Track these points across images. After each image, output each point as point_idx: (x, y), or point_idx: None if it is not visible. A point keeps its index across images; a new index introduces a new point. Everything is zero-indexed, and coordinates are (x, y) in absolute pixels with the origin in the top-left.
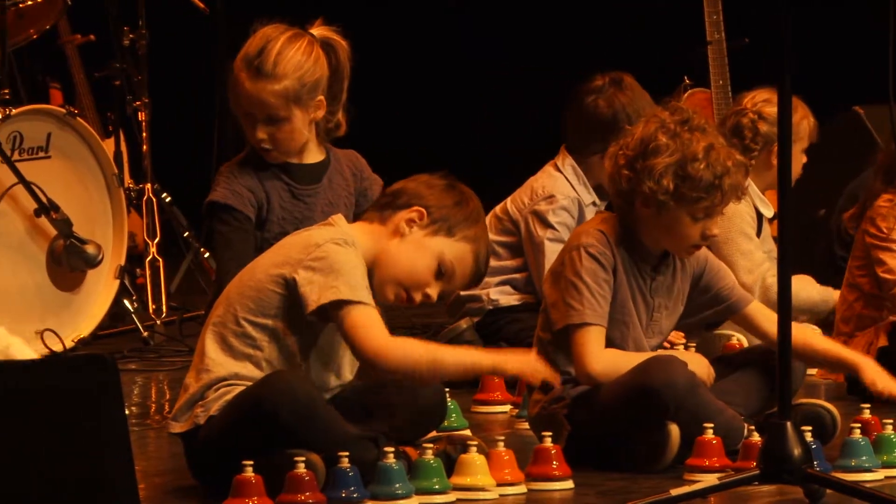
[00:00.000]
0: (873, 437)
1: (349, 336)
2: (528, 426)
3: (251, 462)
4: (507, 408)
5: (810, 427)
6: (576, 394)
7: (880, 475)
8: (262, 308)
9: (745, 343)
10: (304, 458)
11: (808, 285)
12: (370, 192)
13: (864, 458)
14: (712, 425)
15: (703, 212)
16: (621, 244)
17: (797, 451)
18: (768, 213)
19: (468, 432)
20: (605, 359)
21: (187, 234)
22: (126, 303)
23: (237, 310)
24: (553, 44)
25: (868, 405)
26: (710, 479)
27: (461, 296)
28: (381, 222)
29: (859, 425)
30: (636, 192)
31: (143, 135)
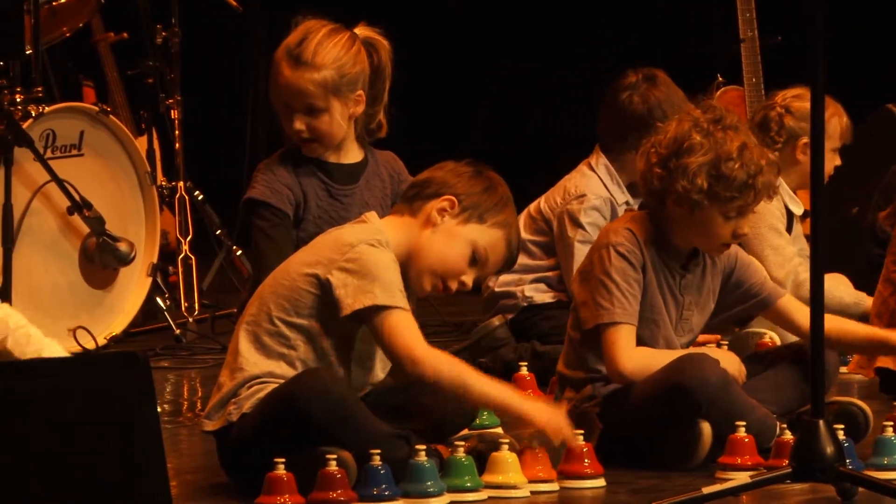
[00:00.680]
0: None
1: (385, 341)
2: None
3: (283, 460)
4: None
5: (843, 425)
6: (607, 392)
7: None
8: (295, 307)
9: (778, 341)
10: (335, 456)
11: (841, 285)
12: None
13: None
14: (744, 423)
15: (736, 211)
16: (650, 242)
17: (829, 449)
18: (798, 210)
19: (500, 430)
20: (637, 357)
21: (219, 231)
22: (158, 300)
23: (271, 309)
24: (586, 42)
25: None
26: (742, 478)
27: (495, 292)
28: (411, 214)
29: (892, 423)
30: (668, 191)
31: (176, 133)
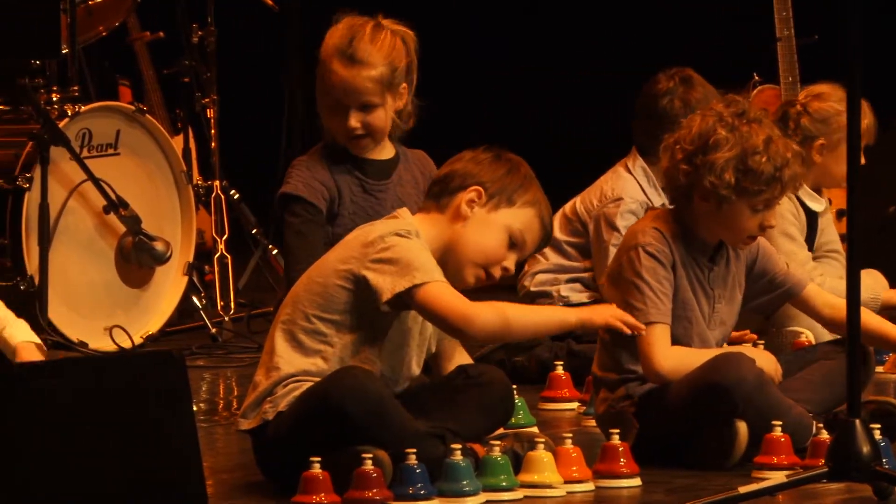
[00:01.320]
0: None
1: (431, 311)
2: (596, 424)
3: (318, 458)
4: (574, 405)
5: (879, 424)
6: (642, 392)
7: None
8: (330, 304)
9: (813, 340)
10: (371, 455)
11: (869, 279)
12: None
13: None
14: (781, 423)
15: (763, 204)
16: (678, 239)
17: (866, 448)
18: (819, 207)
19: (535, 429)
20: (673, 356)
21: (255, 230)
22: (194, 299)
23: (306, 307)
24: (622, 43)
25: None
26: (778, 477)
27: (531, 292)
28: (439, 211)
29: None
30: (695, 187)
31: (212, 132)
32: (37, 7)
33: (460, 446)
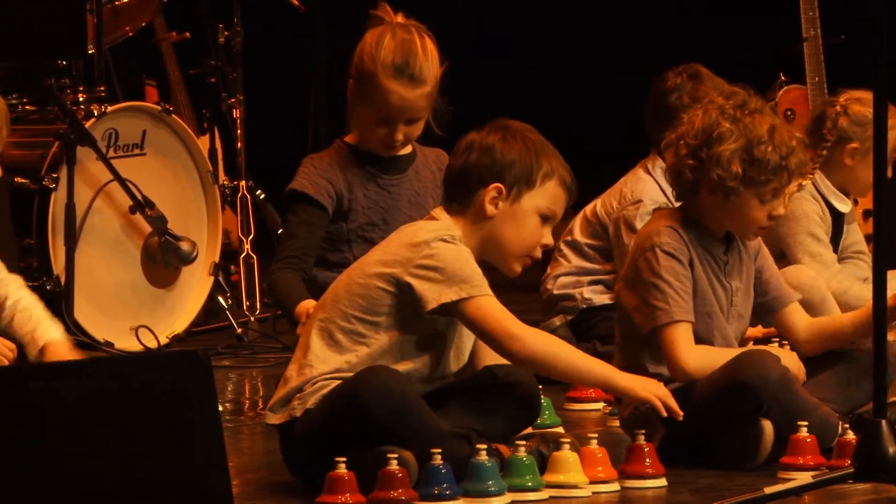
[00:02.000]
0: None
1: (479, 326)
2: (620, 426)
3: (344, 459)
4: (599, 405)
5: None
6: None
7: None
8: (372, 306)
9: None
10: (396, 455)
11: (893, 280)
12: None
13: None
14: (806, 423)
15: (771, 193)
16: (692, 235)
17: (892, 449)
18: (845, 208)
19: (561, 430)
20: (698, 355)
21: (281, 231)
22: (220, 300)
23: (346, 307)
24: (645, 41)
25: None
26: (804, 477)
27: (554, 295)
28: (463, 211)
29: None
30: (702, 181)
31: (238, 132)
32: (63, 7)
33: (486, 446)
